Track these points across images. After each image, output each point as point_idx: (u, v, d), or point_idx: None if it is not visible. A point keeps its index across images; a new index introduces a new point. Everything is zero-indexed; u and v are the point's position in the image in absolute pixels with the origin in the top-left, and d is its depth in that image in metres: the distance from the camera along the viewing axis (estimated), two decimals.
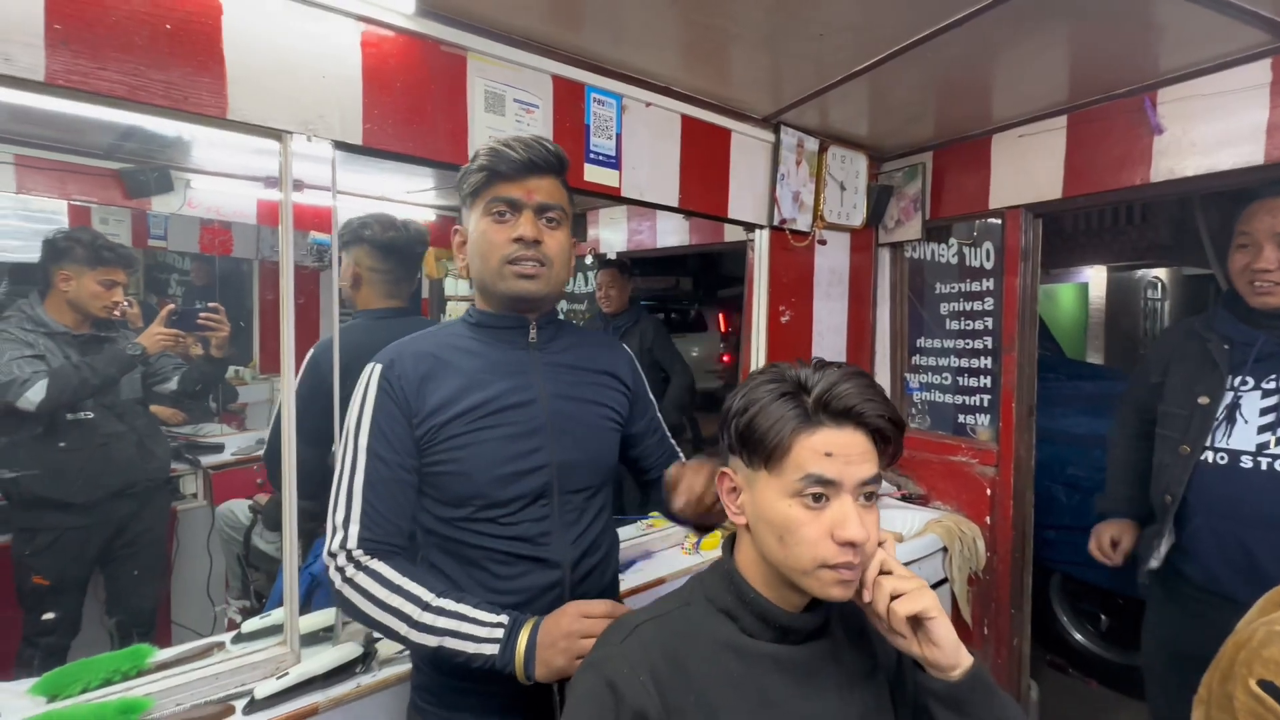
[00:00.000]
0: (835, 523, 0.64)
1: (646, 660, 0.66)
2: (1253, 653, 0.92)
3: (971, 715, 0.65)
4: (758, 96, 1.78)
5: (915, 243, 2.30)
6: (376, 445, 0.87)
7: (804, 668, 0.70)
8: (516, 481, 0.90)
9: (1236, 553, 1.27)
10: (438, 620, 0.81)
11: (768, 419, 0.66)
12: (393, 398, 0.88)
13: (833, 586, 0.65)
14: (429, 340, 0.95)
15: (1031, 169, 1.91)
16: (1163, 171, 1.63)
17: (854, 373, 0.67)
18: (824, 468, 0.64)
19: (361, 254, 1.52)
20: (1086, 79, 1.68)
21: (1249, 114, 1.48)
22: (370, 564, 0.84)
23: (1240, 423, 1.28)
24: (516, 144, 0.91)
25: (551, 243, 0.92)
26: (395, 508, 0.87)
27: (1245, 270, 1.28)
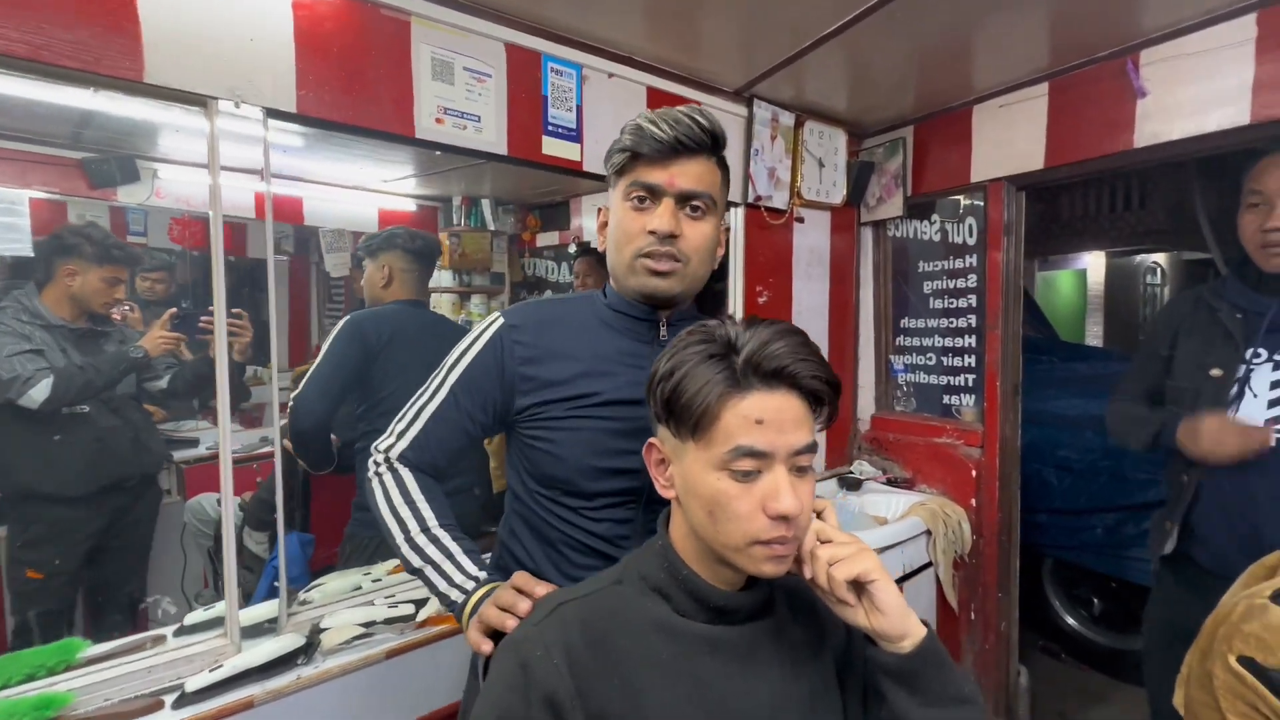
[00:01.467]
0: (767, 495, 0.59)
1: (563, 641, 0.61)
2: (1232, 628, 0.87)
3: (923, 690, 0.60)
4: (728, 66, 1.72)
5: (897, 220, 2.24)
6: (459, 389, 0.88)
7: (742, 649, 0.65)
8: (607, 478, 0.86)
9: (1247, 534, 1.20)
10: (428, 547, 0.83)
11: (693, 384, 0.61)
12: (499, 357, 0.88)
13: (765, 563, 0.61)
14: (559, 309, 0.93)
15: (1013, 140, 1.85)
16: (1147, 136, 1.57)
17: (787, 330, 0.62)
18: (754, 438, 0.59)
19: (394, 258, 1.82)
20: (1068, 41, 1.62)
21: (1234, 73, 1.42)
22: (400, 470, 0.88)
23: (1249, 396, 1.21)
24: (664, 121, 0.82)
25: (693, 235, 0.84)
26: (446, 447, 0.90)
27: (1257, 232, 1.20)
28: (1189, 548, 1.33)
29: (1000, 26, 1.53)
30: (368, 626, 1.14)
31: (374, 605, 1.22)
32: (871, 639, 0.62)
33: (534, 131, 1.42)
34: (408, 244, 1.83)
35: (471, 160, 3.24)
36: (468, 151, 1.33)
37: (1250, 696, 0.83)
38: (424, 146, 1.27)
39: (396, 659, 1.13)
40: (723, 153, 0.87)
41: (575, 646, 0.61)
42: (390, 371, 1.67)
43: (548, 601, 0.67)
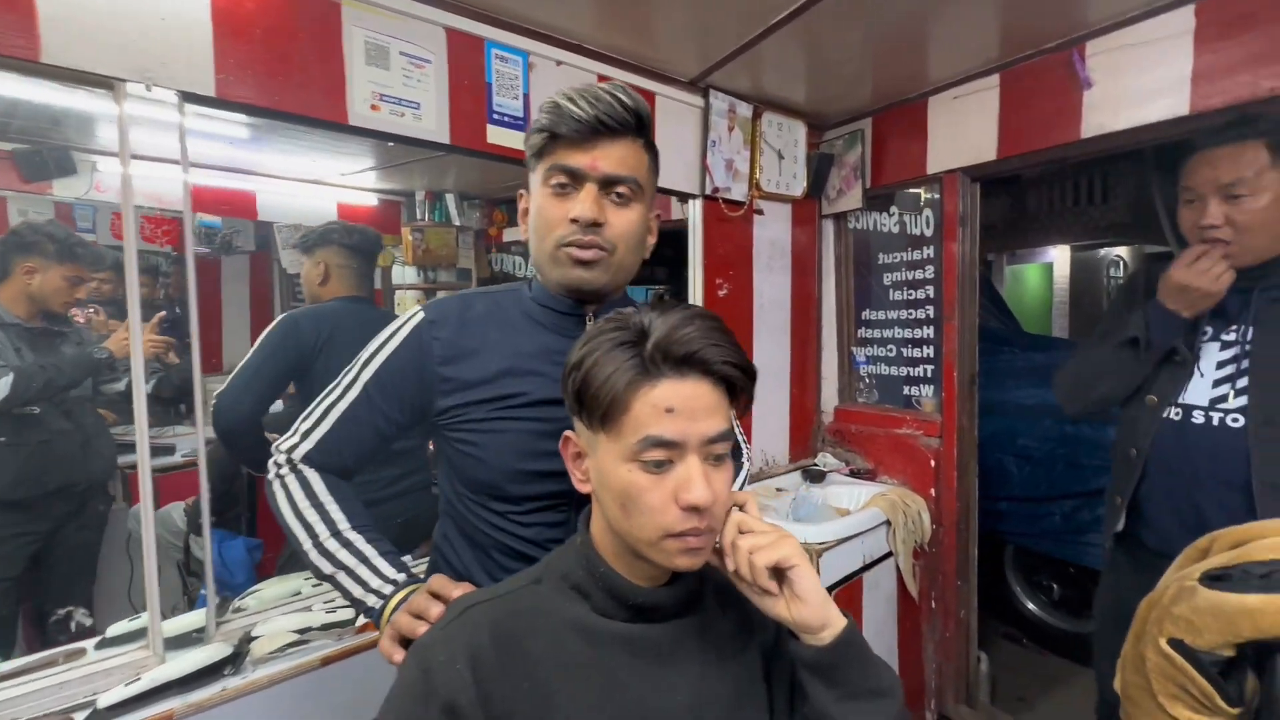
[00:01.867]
0: (679, 486, 0.57)
1: (469, 645, 0.58)
2: (1163, 611, 0.87)
3: (842, 684, 0.58)
4: (682, 55, 1.69)
5: (858, 213, 2.25)
6: (373, 386, 0.83)
7: (663, 647, 0.63)
8: (535, 481, 0.81)
9: (1189, 513, 1.21)
10: (339, 552, 0.78)
11: (601, 373, 0.58)
12: (415, 353, 0.83)
13: (678, 556, 0.58)
14: (483, 303, 0.87)
15: (967, 131, 1.86)
16: (1093, 127, 1.59)
17: (698, 314, 0.60)
18: (664, 428, 0.56)
19: (330, 253, 1.76)
20: (1017, 31, 1.63)
21: (1174, 64, 1.44)
22: (305, 471, 0.82)
23: (1196, 376, 1.22)
24: (583, 98, 0.75)
25: (618, 222, 0.79)
26: (354, 448, 0.84)
27: (1194, 228, 1.21)
28: (1137, 529, 1.34)
29: (952, 16, 1.53)
30: (303, 633, 1.10)
31: (311, 611, 1.17)
32: (793, 633, 0.60)
33: (478, 120, 1.38)
34: (343, 239, 1.77)
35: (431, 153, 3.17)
36: (407, 140, 1.28)
37: (1180, 678, 0.84)
38: (359, 134, 1.22)
39: (333, 666, 1.09)
40: (649, 134, 0.82)
41: (482, 650, 0.58)
42: (331, 370, 1.62)
43: (458, 604, 0.64)
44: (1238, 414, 1.17)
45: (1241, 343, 1.20)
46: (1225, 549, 0.92)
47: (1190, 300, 1.20)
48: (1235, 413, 1.18)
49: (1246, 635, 0.78)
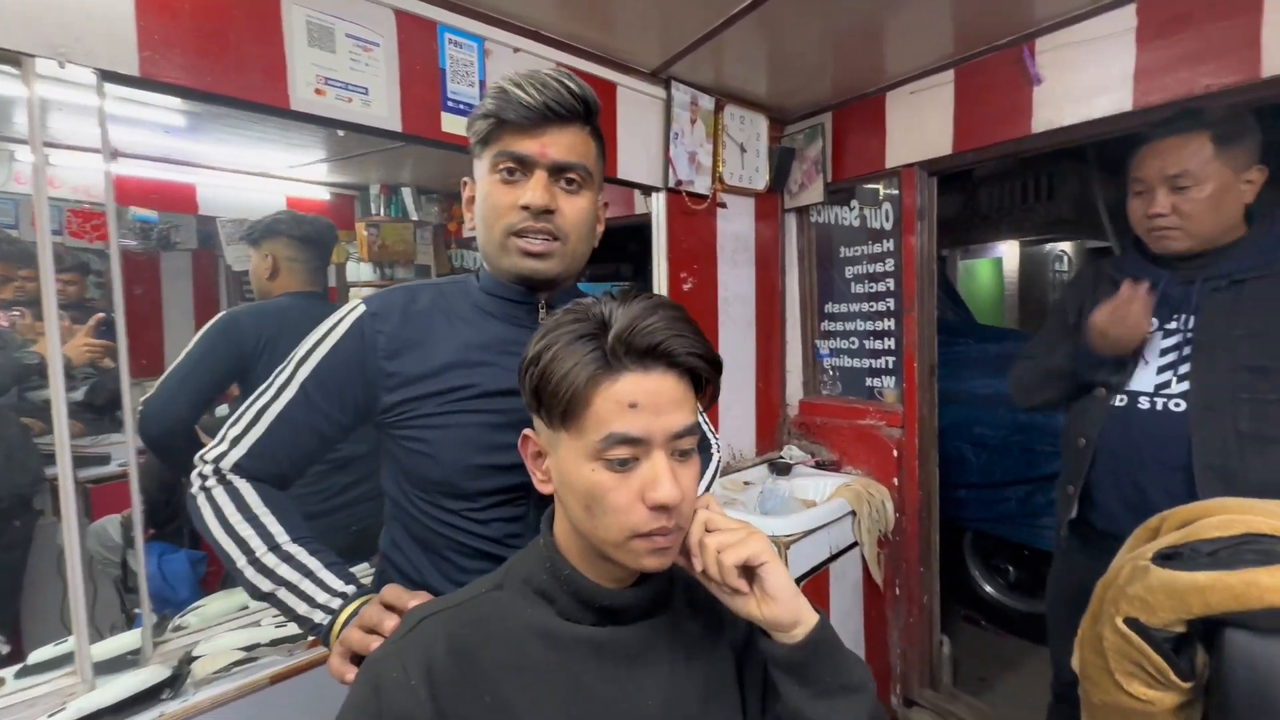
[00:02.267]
0: (645, 485, 0.55)
1: (424, 659, 0.55)
2: (1119, 591, 0.89)
3: (815, 682, 0.57)
4: (643, 44, 1.66)
5: (819, 206, 2.26)
6: (311, 385, 0.77)
7: (631, 649, 0.60)
8: (490, 476, 0.78)
9: (1134, 495, 1.25)
10: (280, 566, 0.72)
11: (560, 367, 0.55)
12: (359, 348, 0.78)
13: (646, 557, 0.56)
14: (428, 294, 0.83)
15: (924, 126, 1.89)
16: (1043, 122, 1.63)
17: (661, 303, 0.57)
18: (629, 424, 0.54)
19: (279, 245, 1.64)
20: (970, 27, 1.66)
21: (1117, 60, 1.49)
22: (235, 482, 0.75)
23: (1142, 364, 1.26)
24: (531, 84, 0.74)
25: (569, 210, 0.77)
26: (292, 452, 0.78)
27: (1143, 218, 1.25)
28: (1086, 513, 1.39)
29: (907, 10, 1.55)
30: (250, 650, 1.04)
31: (260, 626, 1.11)
32: (765, 631, 0.59)
33: (432, 107, 1.33)
34: (293, 230, 1.65)
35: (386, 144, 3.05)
36: (356, 127, 1.22)
37: (1135, 656, 0.86)
38: (302, 120, 1.15)
39: (283, 684, 1.02)
40: (596, 121, 0.80)
41: (438, 662, 0.54)
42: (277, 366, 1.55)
43: (413, 615, 0.60)
44: (1179, 399, 1.22)
45: (1184, 331, 1.24)
46: (1174, 528, 0.95)
47: (1112, 344, 1.25)
48: (1177, 398, 1.22)
49: (1197, 612, 0.80)
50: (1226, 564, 0.80)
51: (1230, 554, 0.82)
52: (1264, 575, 0.76)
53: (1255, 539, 0.82)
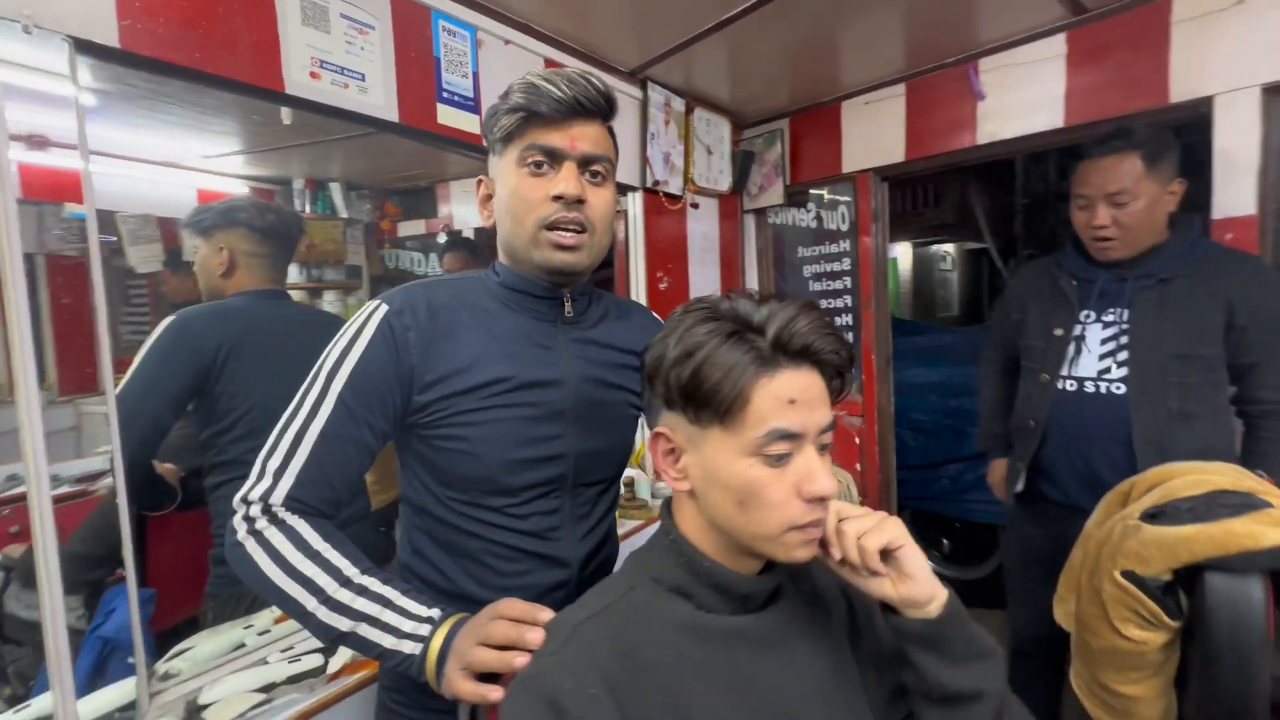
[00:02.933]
0: (801, 478, 0.57)
1: (594, 665, 0.53)
2: (1115, 547, 1.02)
3: (951, 652, 0.60)
4: (622, 46, 1.67)
5: (777, 208, 2.37)
6: (349, 396, 0.71)
7: (770, 636, 0.62)
8: (530, 469, 0.78)
9: (1084, 468, 1.42)
10: (356, 600, 0.67)
11: (718, 367, 0.56)
12: (391, 349, 0.73)
13: (799, 549, 0.58)
14: (447, 290, 0.80)
15: (878, 134, 2.04)
16: (987, 134, 1.81)
17: (806, 305, 0.59)
18: (789, 419, 0.56)
19: (237, 238, 1.43)
20: (920, 46, 1.81)
21: (1051, 82, 1.68)
22: (289, 521, 0.69)
23: (1085, 352, 1.43)
24: (560, 80, 0.74)
25: (597, 202, 0.78)
26: (343, 472, 0.72)
27: (1087, 228, 1.41)
28: (1038, 484, 1.55)
29: (862, 30, 1.67)
30: (267, 691, 0.94)
31: (269, 664, 1.00)
32: (893, 608, 0.62)
33: (427, 98, 1.25)
34: (254, 220, 1.46)
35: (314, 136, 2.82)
36: (355, 116, 1.13)
37: (1132, 603, 0.98)
38: (299, 107, 1.05)
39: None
40: (613, 121, 0.82)
41: (609, 668, 0.53)
42: (242, 383, 1.33)
43: (560, 625, 0.58)
44: (1120, 383, 1.39)
45: (1119, 323, 1.42)
46: (1144, 492, 1.10)
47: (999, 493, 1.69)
48: (1118, 382, 1.40)
49: (1184, 560, 0.93)
50: (1204, 517, 0.94)
51: (1205, 509, 0.96)
52: (1237, 524, 0.90)
53: (1221, 494, 0.97)
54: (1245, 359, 1.32)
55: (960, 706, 0.59)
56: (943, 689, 0.59)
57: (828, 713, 0.61)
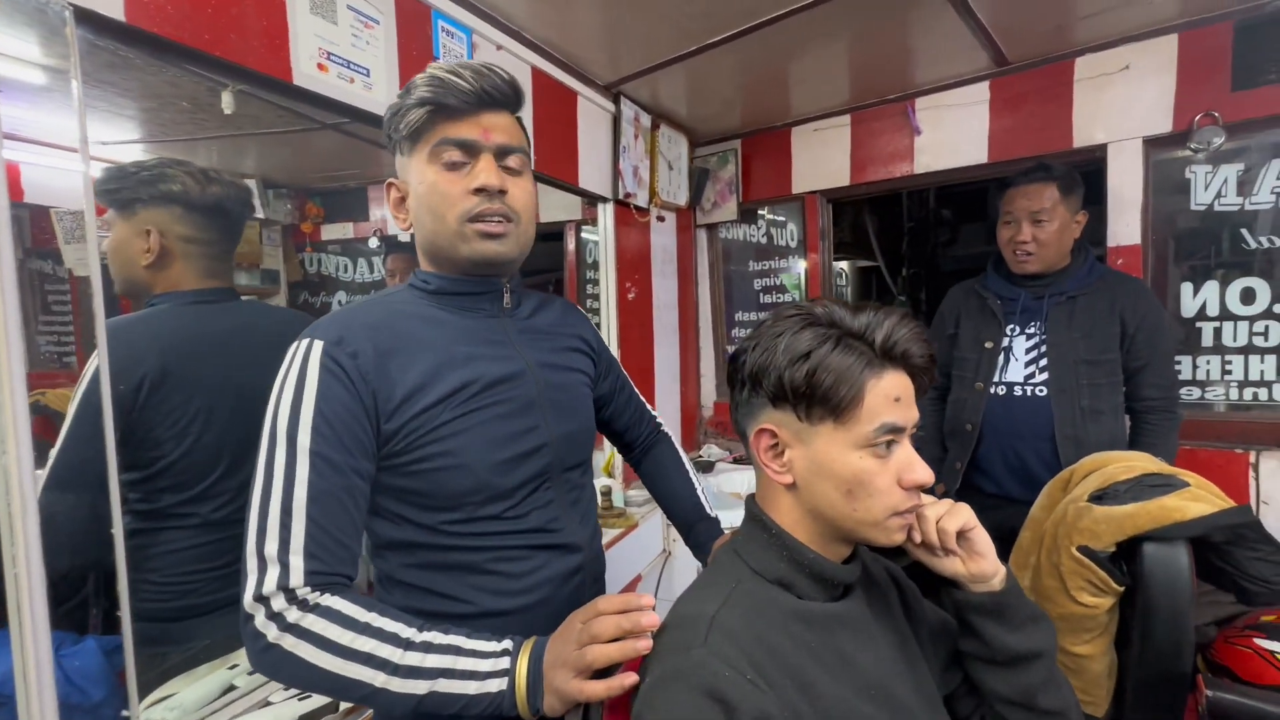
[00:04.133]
0: (902, 468, 0.63)
1: (742, 652, 0.56)
2: (1070, 527, 1.18)
3: (1011, 620, 0.68)
4: (600, 61, 1.70)
5: (729, 224, 2.48)
6: (322, 447, 0.65)
7: (858, 619, 0.68)
8: (519, 465, 0.76)
9: (1015, 462, 1.63)
10: (426, 660, 0.62)
11: (833, 369, 0.62)
12: (345, 383, 0.67)
13: (898, 532, 0.65)
14: (376, 310, 0.75)
15: (825, 159, 2.21)
16: (923, 165, 2.03)
17: (904, 314, 0.65)
18: (896, 415, 0.62)
19: (169, 219, 1.07)
20: (863, 83, 2.00)
21: (977, 123, 1.92)
22: (325, 602, 0.62)
23: (1013, 361, 1.64)
24: (465, 71, 0.73)
25: (518, 192, 0.76)
26: (347, 527, 0.66)
27: (1009, 242, 1.63)
28: (973, 479, 1.75)
29: (811, 65, 1.83)
30: None
31: (274, 704, 0.91)
32: (956, 584, 0.69)
33: None
34: (193, 193, 1.10)
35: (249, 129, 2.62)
36: (358, 113, 1.07)
37: (1086, 573, 1.15)
38: (303, 100, 0.98)
39: None
40: (520, 111, 0.81)
41: (753, 654, 0.57)
42: (172, 422, 1.04)
43: (693, 618, 0.60)
44: (1042, 386, 1.61)
45: (1039, 335, 1.65)
46: (1083, 478, 1.28)
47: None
48: (1040, 385, 1.62)
49: (1129, 532, 1.10)
50: (1140, 497, 1.12)
51: (1139, 490, 1.14)
52: (1169, 500, 1.08)
53: (1149, 477, 1.16)
54: (1134, 363, 1.57)
55: (1023, 666, 0.68)
56: (1009, 652, 0.67)
57: (908, 684, 0.67)
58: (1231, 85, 1.58)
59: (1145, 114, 1.68)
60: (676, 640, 0.59)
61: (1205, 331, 1.75)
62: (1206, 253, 1.75)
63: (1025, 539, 1.38)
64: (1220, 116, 1.59)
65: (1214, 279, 1.74)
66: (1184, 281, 1.78)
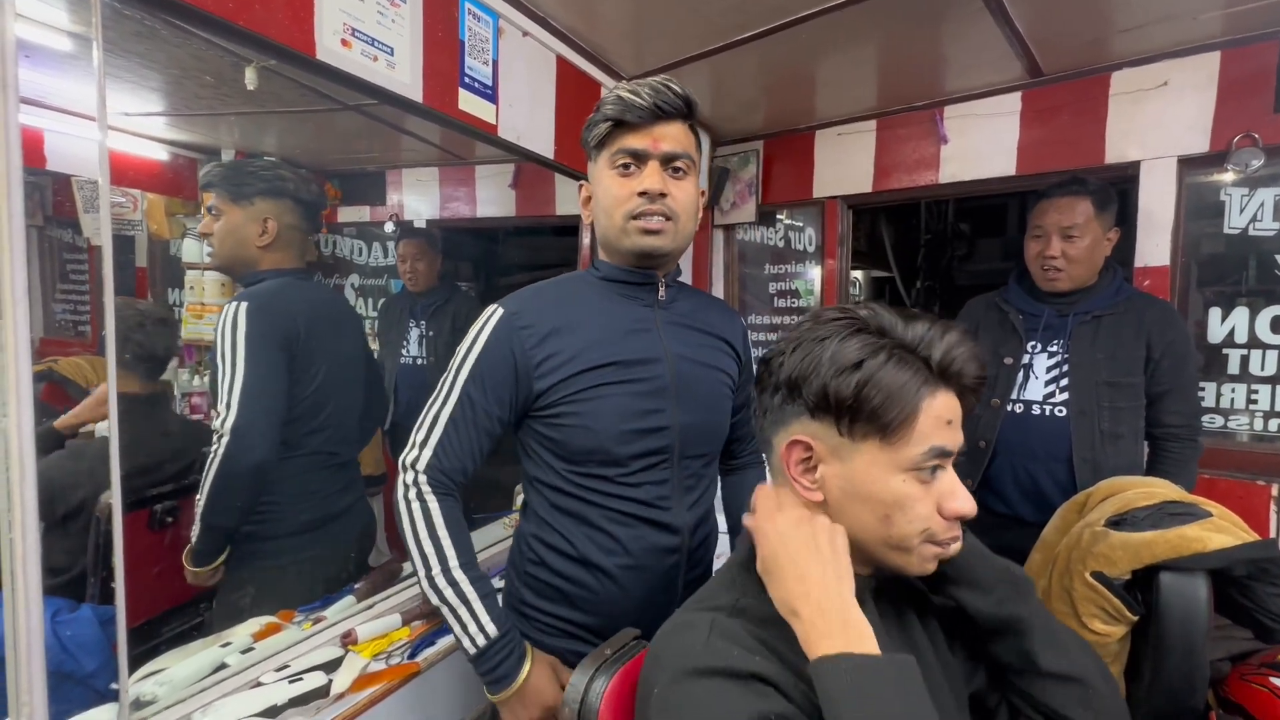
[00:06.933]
0: (944, 496, 0.59)
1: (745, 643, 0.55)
2: (1084, 551, 1.15)
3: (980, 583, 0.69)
4: (624, 53, 1.68)
5: (746, 225, 2.45)
6: (471, 387, 0.87)
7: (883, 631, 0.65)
8: (638, 440, 0.89)
9: (1028, 483, 1.58)
10: (446, 590, 0.84)
11: (886, 384, 0.57)
12: (507, 346, 0.87)
13: (931, 562, 0.61)
14: (554, 290, 0.95)
15: (848, 164, 2.17)
16: (948, 175, 1.99)
17: (961, 331, 0.61)
18: (947, 439, 0.59)
19: (281, 209, 1.36)
20: (891, 89, 1.96)
21: (1007, 134, 1.88)
22: (428, 499, 0.86)
23: (1032, 379, 1.60)
24: (643, 89, 0.87)
25: (679, 194, 0.90)
26: (468, 449, 0.88)
27: (1038, 256, 1.58)
28: (983, 498, 1.71)
29: (838, 69, 1.80)
30: (271, 716, 0.84)
31: (266, 685, 0.90)
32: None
33: (450, 81, 1.20)
34: (301, 191, 1.39)
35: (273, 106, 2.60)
36: (379, 91, 1.05)
37: (1100, 600, 1.11)
38: (325, 76, 0.97)
39: None
40: (696, 118, 0.94)
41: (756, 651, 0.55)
42: (309, 369, 1.33)
43: (692, 623, 0.59)
44: (1061, 406, 1.57)
45: (1062, 353, 1.61)
46: (1099, 501, 1.25)
47: None
48: (1060, 405, 1.58)
49: (1145, 561, 1.07)
50: (1159, 524, 1.09)
51: (1159, 517, 1.10)
52: (1190, 530, 1.05)
53: (1171, 504, 1.13)
54: (1158, 388, 1.53)
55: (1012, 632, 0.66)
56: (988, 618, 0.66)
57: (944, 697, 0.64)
58: (1275, 106, 1.53)
59: (1182, 132, 1.63)
60: (677, 646, 0.57)
61: (1232, 358, 1.70)
62: (1238, 277, 1.71)
63: (1035, 561, 1.35)
64: (1260, 138, 1.54)
65: (1243, 305, 1.69)
66: (1211, 306, 1.73)
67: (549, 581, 0.91)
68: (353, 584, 1.20)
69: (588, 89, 1.65)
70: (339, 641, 1.04)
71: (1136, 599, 1.10)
